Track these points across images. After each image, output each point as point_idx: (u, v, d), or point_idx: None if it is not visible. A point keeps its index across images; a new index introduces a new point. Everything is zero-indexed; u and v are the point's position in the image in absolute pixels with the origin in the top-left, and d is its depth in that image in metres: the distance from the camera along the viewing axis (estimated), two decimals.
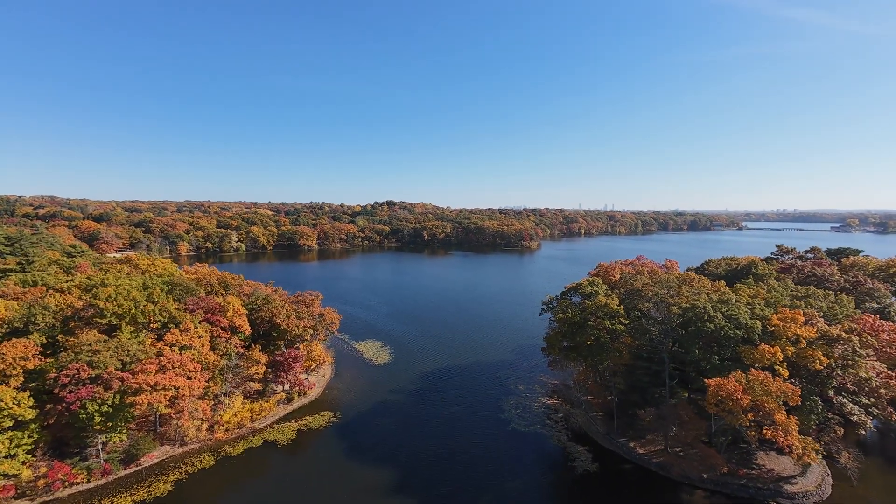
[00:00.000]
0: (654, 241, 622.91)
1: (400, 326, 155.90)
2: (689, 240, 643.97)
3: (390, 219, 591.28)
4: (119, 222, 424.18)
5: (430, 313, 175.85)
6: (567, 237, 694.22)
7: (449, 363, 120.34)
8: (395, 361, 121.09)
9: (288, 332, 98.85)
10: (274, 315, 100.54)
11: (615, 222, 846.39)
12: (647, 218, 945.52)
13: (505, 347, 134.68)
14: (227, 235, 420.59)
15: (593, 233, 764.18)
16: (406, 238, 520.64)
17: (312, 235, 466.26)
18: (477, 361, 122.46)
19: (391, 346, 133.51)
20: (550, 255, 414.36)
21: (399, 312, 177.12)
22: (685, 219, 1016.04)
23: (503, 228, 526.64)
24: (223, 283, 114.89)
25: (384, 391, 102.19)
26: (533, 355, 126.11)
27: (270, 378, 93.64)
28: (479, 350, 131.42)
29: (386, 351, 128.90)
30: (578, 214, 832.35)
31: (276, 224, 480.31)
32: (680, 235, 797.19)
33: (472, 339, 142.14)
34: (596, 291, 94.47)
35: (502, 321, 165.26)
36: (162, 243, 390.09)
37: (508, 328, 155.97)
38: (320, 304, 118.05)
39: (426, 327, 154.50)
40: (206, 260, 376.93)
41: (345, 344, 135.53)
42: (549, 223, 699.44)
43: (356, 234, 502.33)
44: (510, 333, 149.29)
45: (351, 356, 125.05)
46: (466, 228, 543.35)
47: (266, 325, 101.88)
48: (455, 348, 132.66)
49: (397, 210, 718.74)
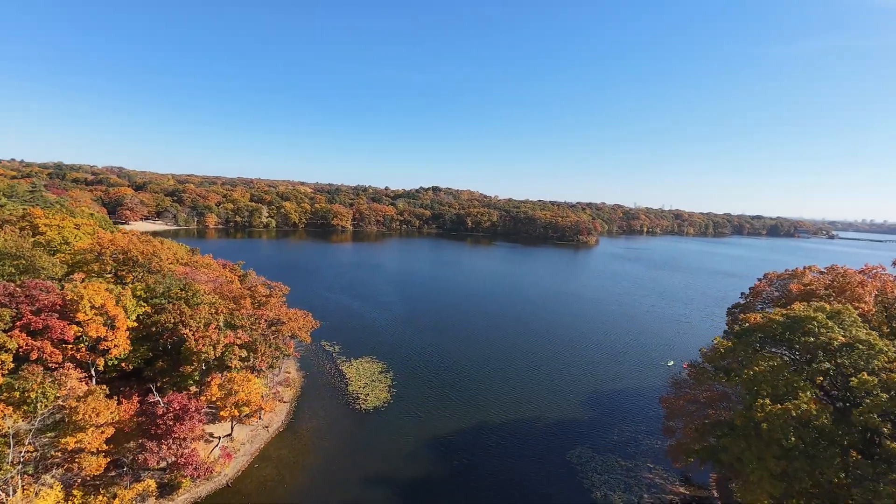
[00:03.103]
0: (734, 245, 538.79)
1: (415, 341, 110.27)
2: (778, 246, 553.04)
3: (432, 203, 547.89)
4: (153, 191, 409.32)
5: (461, 324, 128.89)
6: (626, 234, 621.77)
7: (481, 419, 73.19)
8: (393, 406, 75.35)
9: (195, 354, 55.55)
10: (182, 322, 57.62)
11: (682, 222, 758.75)
12: (720, 219, 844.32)
13: (574, 391, 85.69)
14: (257, 210, 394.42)
15: (657, 232, 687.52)
16: (448, 224, 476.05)
17: (347, 215, 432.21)
18: (531, 419, 74.50)
19: (394, 373, 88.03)
20: (613, 254, 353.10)
21: (419, 318, 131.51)
22: (764, 223, 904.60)
23: (557, 220, 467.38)
24: (127, 259, 72.82)
25: (365, 471, 57.03)
26: (626, 409, 76.64)
27: (136, 449, 50.03)
28: (535, 398, 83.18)
29: (384, 383, 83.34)
30: (640, 211, 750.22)
31: (311, 201, 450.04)
32: (760, 241, 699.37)
33: (522, 375, 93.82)
34: (865, 342, 42.48)
35: (564, 342, 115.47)
36: (190, 213, 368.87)
37: (575, 355, 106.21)
38: (282, 304, 74.41)
39: (453, 348, 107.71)
40: (234, 234, 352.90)
41: (328, 361, 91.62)
42: (608, 218, 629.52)
43: (394, 217, 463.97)
44: (579, 365, 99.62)
45: (329, 385, 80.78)
46: (515, 218, 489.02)
47: (171, 338, 59.30)
48: (496, 390, 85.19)
49: (441, 195, 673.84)
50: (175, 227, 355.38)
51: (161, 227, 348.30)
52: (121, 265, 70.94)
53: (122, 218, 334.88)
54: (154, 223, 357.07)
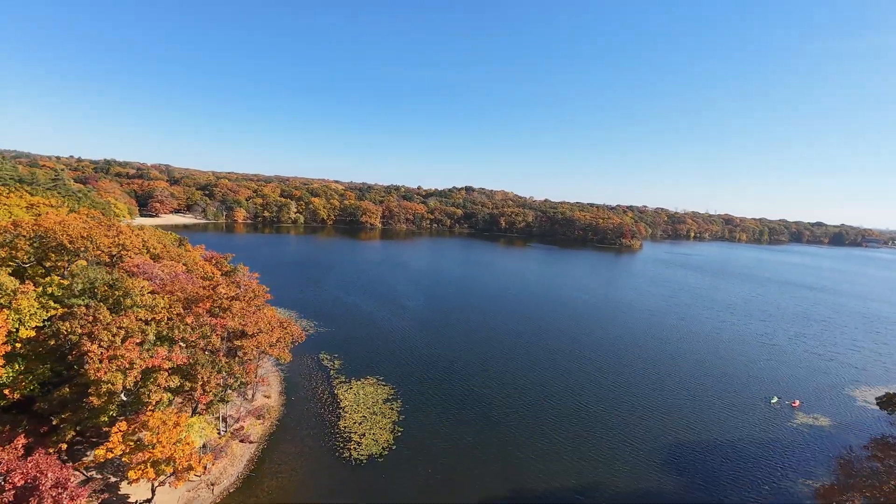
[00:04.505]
0: (796, 253, 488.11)
1: (434, 358, 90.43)
2: (848, 255, 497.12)
3: (465, 202, 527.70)
4: (186, 185, 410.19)
5: (492, 338, 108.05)
6: (672, 239, 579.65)
7: (518, 484, 52.39)
8: (395, 454, 55.57)
9: (96, 384, 37.75)
10: (90, 334, 40.17)
11: (734, 227, 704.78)
12: (775, 225, 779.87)
13: (651, 444, 63.37)
14: (286, 205, 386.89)
15: (705, 237, 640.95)
16: (480, 224, 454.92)
17: (377, 213, 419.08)
18: (588, 488, 53.09)
19: (403, 402, 68.37)
20: (661, 259, 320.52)
21: (442, 328, 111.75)
22: (826, 230, 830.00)
23: (597, 221, 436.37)
24: (58, 246, 56.22)
25: None
26: (729, 470, 54.06)
27: None
28: (595, 455, 61.58)
29: (388, 417, 63.67)
30: (687, 215, 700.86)
31: (340, 197, 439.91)
32: (823, 249, 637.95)
33: (573, 418, 72.24)
34: None
35: (626, 371, 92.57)
36: (219, 208, 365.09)
37: (643, 389, 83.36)
38: (259, 309, 56.36)
39: (481, 372, 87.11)
40: (262, 229, 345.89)
41: (323, 382, 72.98)
42: (651, 221, 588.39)
43: (425, 216, 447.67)
44: (650, 405, 76.84)
45: (316, 418, 61.97)
46: (552, 218, 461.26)
47: (77, 355, 41.91)
48: (536, 441, 64.16)
49: (475, 195, 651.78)
50: (204, 220, 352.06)
51: (190, 220, 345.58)
52: (47, 252, 54.96)
53: (152, 210, 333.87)
54: (184, 216, 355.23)
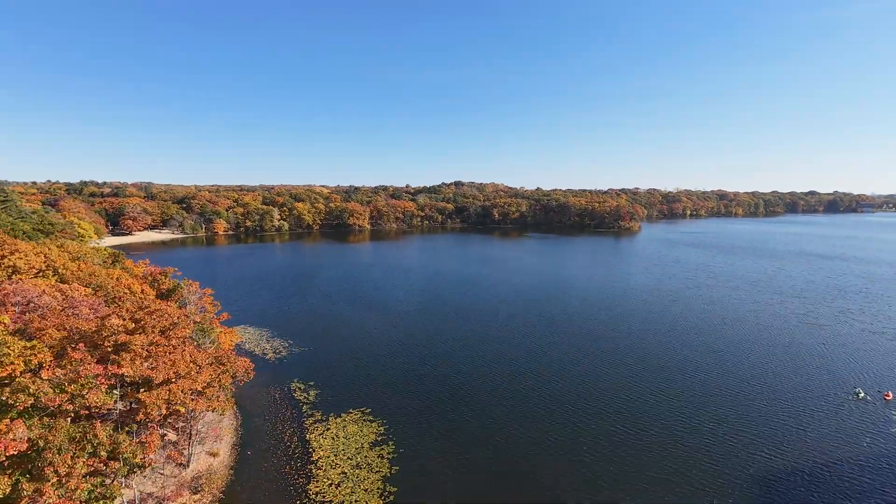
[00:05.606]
0: (797, 223, 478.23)
1: (436, 381, 74.47)
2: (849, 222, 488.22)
3: (455, 196, 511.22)
4: (161, 199, 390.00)
5: (500, 343, 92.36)
6: (668, 219, 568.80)
7: None
8: None
9: None
10: None
11: (728, 202, 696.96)
12: (769, 198, 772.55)
13: (724, 471, 48.07)
14: (268, 213, 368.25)
15: (701, 214, 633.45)
16: (473, 218, 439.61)
17: (364, 214, 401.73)
18: None
19: (396, 444, 52.35)
20: (664, 239, 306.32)
21: (439, 342, 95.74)
22: (820, 198, 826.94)
23: (593, 206, 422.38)
24: None
25: None
26: None
27: None
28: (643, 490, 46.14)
29: (375, 470, 47.47)
30: (681, 193, 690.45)
31: (325, 201, 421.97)
32: (820, 217, 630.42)
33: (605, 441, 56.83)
34: None
35: (668, 370, 77.31)
36: (197, 220, 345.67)
37: (696, 394, 68.12)
38: (185, 343, 40.05)
39: (488, 391, 71.30)
40: (245, 239, 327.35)
41: (292, 423, 56.68)
42: (646, 202, 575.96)
43: (415, 213, 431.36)
44: (708, 414, 61.59)
45: (277, 479, 45.85)
46: (546, 206, 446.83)
47: None
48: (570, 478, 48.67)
49: (465, 189, 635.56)
50: (182, 235, 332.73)
51: (167, 235, 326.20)
52: None
53: (124, 228, 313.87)
54: (160, 232, 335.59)
